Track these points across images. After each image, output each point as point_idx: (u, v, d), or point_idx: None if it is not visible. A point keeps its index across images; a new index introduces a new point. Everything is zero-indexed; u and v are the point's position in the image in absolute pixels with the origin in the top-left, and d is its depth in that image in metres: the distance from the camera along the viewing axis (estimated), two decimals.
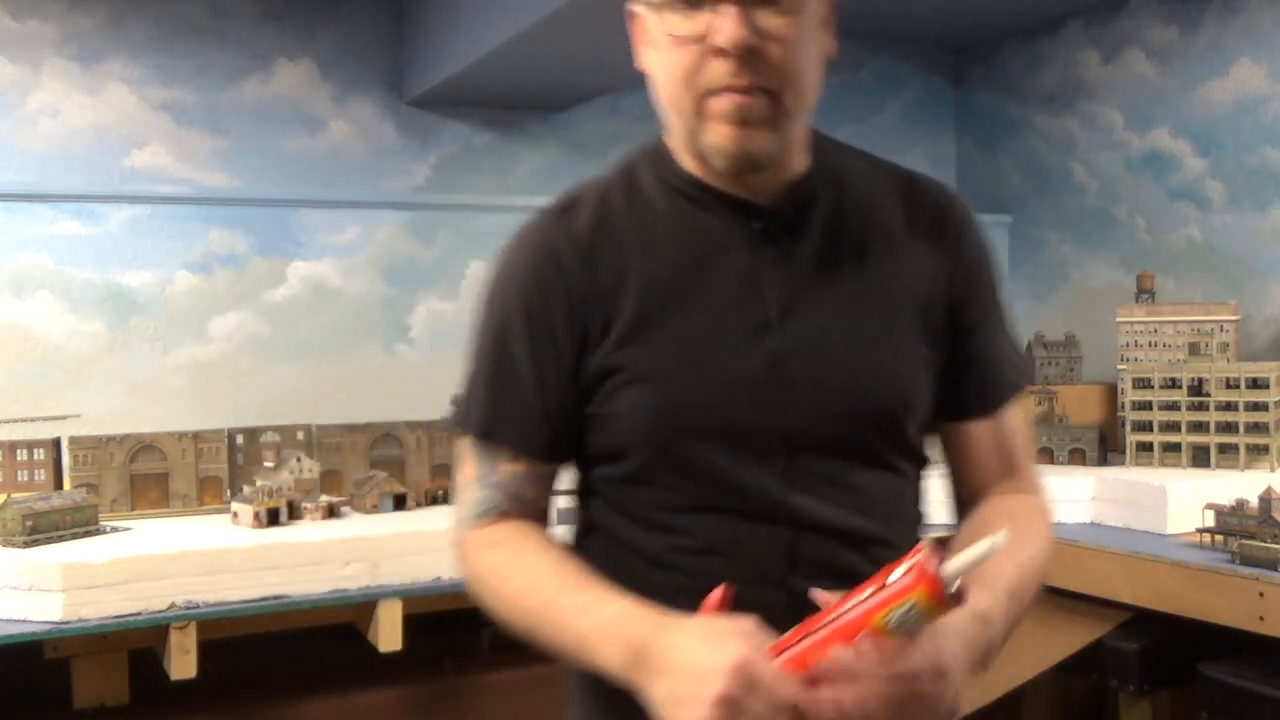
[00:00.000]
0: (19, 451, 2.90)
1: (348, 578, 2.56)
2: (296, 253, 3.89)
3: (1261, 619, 2.43)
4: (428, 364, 4.06)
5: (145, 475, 2.92)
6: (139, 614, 2.36)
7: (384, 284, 4.01)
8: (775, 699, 0.90)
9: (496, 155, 4.18)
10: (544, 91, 3.93)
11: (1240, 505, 2.69)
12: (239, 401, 3.78)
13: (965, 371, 1.18)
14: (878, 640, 0.93)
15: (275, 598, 2.49)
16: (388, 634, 2.58)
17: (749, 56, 1.06)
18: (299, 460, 2.89)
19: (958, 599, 0.94)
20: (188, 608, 2.40)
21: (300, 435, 3.07)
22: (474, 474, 1.28)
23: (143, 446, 2.92)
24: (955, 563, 0.93)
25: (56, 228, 3.57)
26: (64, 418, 3.22)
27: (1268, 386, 3.24)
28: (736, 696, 0.90)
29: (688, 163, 1.19)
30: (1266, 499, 2.61)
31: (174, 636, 2.38)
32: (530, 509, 1.24)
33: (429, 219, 4.08)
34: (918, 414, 1.16)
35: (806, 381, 1.11)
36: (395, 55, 4.02)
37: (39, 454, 2.91)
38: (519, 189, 4.22)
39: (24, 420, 3.22)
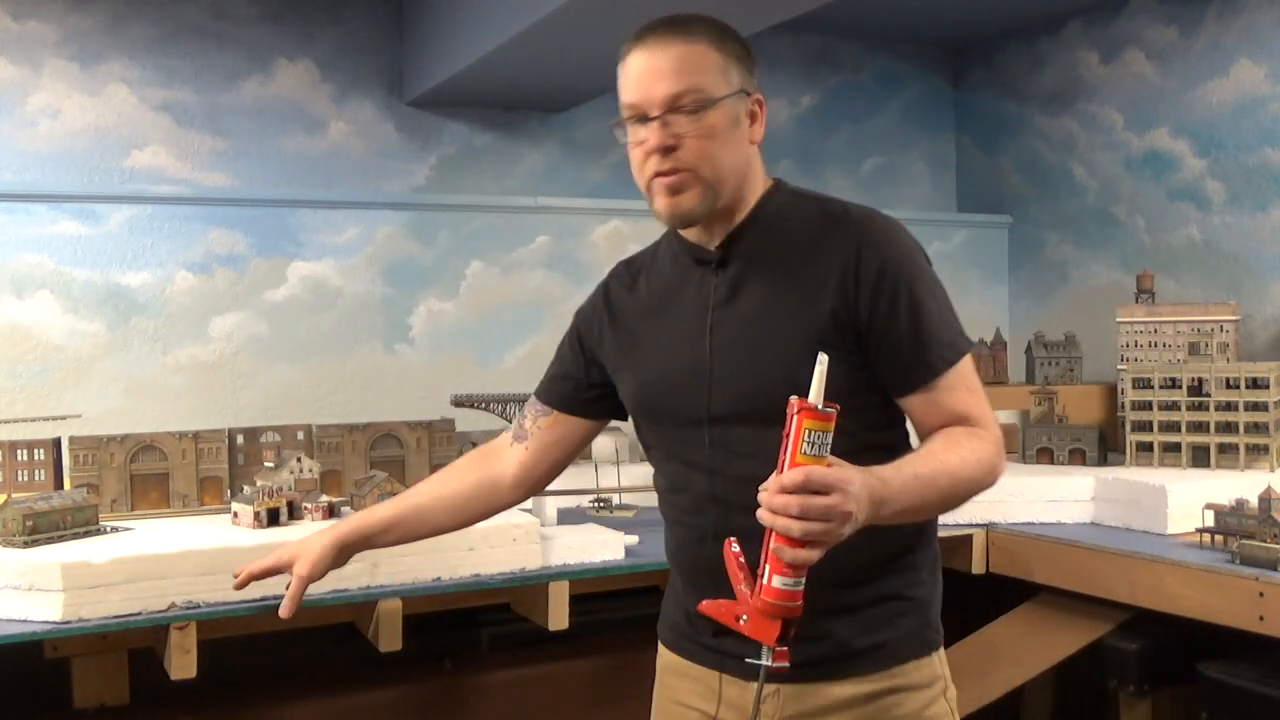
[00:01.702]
0: (19, 451, 2.90)
1: (348, 578, 2.55)
2: (296, 253, 3.89)
3: (1261, 619, 2.43)
4: (428, 364, 4.06)
5: (145, 475, 2.92)
6: (139, 614, 2.36)
7: (384, 284, 4.02)
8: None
9: (496, 155, 4.19)
10: (544, 91, 3.94)
11: (1240, 505, 2.69)
12: (239, 401, 3.78)
13: (887, 357, 1.53)
14: (806, 468, 1.27)
15: (275, 598, 2.48)
16: (388, 634, 2.58)
17: (668, 152, 1.54)
18: (299, 460, 2.89)
19: (832, 409, 1.29)
20: (188, 608, 2.40)
21: (300, 435, 3.07)
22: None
23: (143, 446, 2.92)
24: (812, 392, 1.30)
25: (56, 228, 3.57)
26: (64, 418, 3.22)
27: (1267, 386, 3.24)
28: None
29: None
30: (1266, 499, 2.61)
31: (174, 636, 2.38)
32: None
33: (429, 219, 4.08)
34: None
35: (721, 375, 1.56)
36: (395, 55, 4.02)
37: (39, 454, 2.91)
38: (519, 189, 4.22)
39: (24, 420, 3.22)
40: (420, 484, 2.00)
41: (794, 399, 1.30)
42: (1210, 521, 2.74)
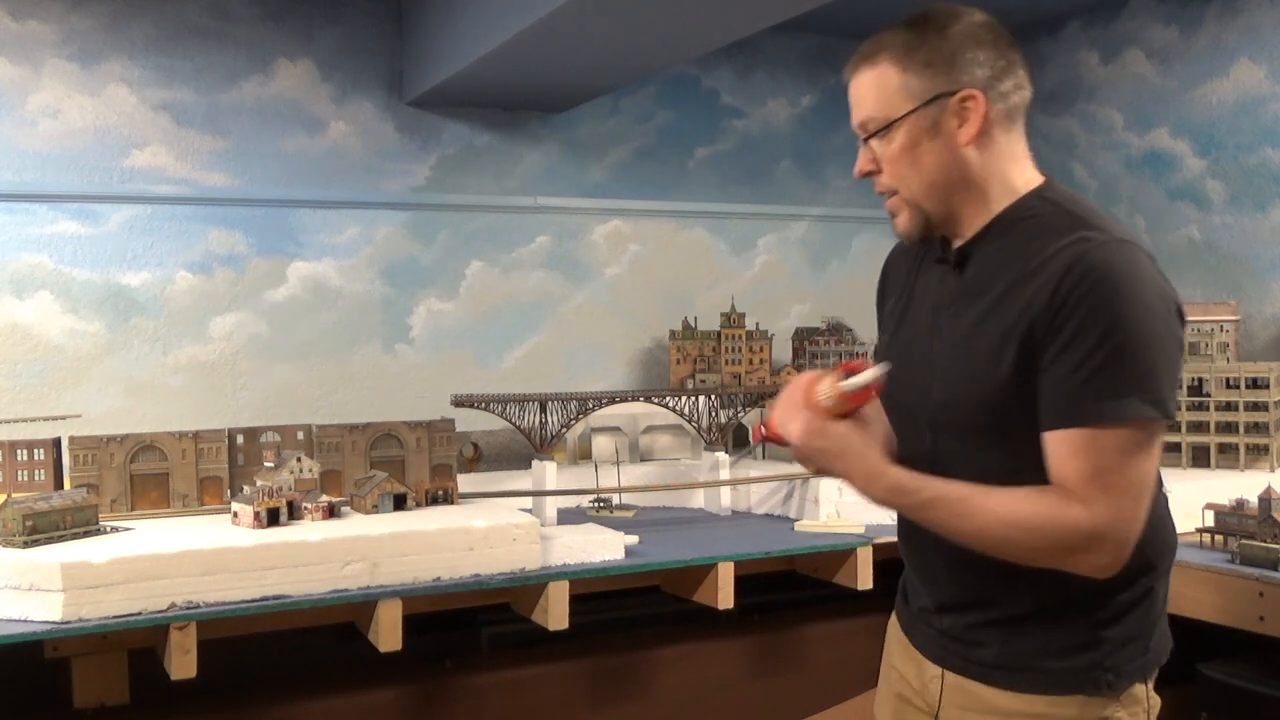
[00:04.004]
0: (19, 451, 2.90)
1: (348, 578, 2.56)
2: (296, 253, 3.89)
3: (1261, 619, 2.43)
4: (428, 364, 4.06)
5: (145, 475, 2.92)
6: (139, 614, 2.36)
7: (384, 284, 4.02)
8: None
9: (496, 155, 4.19)
10: (544, 91, 3.93)
11: (1240, 505, 2.70)
12: (239, 401, 3.78)
13: (1044, 388, 1.46)
14: (816, 409, 1.51)
15: (275, 598, 2.49)
16: (388, 634, 2.58)
17: (871, 175, 1.59)
18: (299, 460, 2.89)
19: (860, 396, 1.48)
20: (188, 608, 2.40)
21: (300, 435, 3.07)
22: None
23: (143, 446, 2.92)
24: (855, 379, 1.48)
25: (56, 228, 3.57)
26: (64, 418, 3.22)
27: (1267, 386, 3.24)
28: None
29: None
30: (1266, 499, 2.61)
31: (174, 636, 2.38)
32: None
33: (429, 219, 4.08)
34: (997, 410, 1.50)
35: (937, 380, 1.56)
36: (395, 55, 4.02)
37: (39, 454, 2.91)
38: (519, 189, 4.22)
39: (24, 420, 3.22)
40: None
41: (854, 361, 1.50)
42: (1210, 521, 2.75)
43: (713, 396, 3.56)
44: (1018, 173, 1.55)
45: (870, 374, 1.47)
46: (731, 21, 3.16)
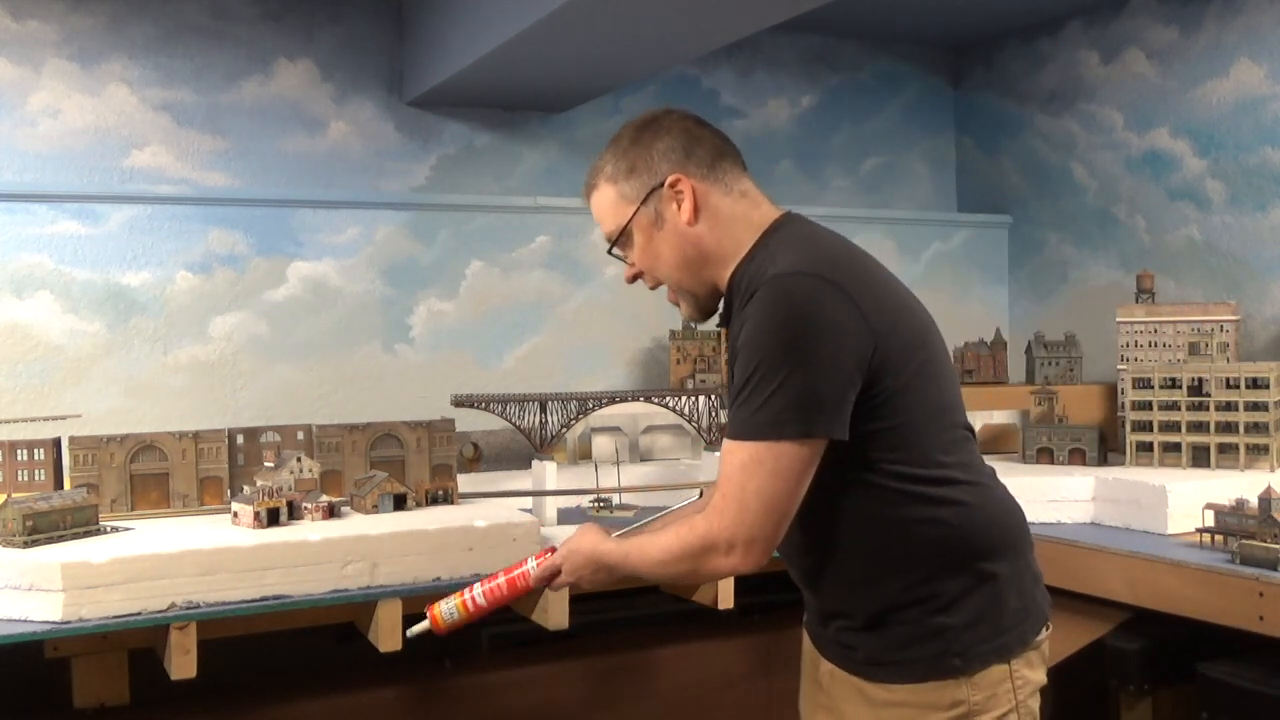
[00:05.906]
0: (19, 451, 2.90)
1: (347, 578, 2.56)
2: (296, 253, 3.89)
3: (1261, 619, 2.43)
4: (428, 364, 4.06)
5: (145, 475, 2.91)
6: (139, 614, 2.36)
7: (384, 284, 4.01)
8: None
9: (496, 155, 4.19)
10: (544, 92, 3.93)
11: (1240, 505, 2.69)
12: (239, 401, 3.78)
13: None
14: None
15: (275, 598, 2.49)
16: (387, 634, 2.58)
17: (641, 277, 1.79)
18: (299, 460, 2.89)
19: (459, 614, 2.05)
20: (188, 608, 2.40)
21: (300, 435, 3.07)
22: None
23: (143, 446, 2.92)
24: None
25: (56, 228, 3.57)
26: (64, 418, 3.22)
27: (1267, 386, 3.24)
28: None
29: None
30: (1266, 499, 2.61)
31: (174, 636, 2.38)
32: None
33: (429, 219, 4.08)
34: None
35: None
36: (395, 55, 4.02)
37: (39, 454, 2.91)
38: (519, 189, 4.22)
39: (24, 420, 3.22)
40: None
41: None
42: (1210, 521, 2.74)
43: (713, 396, 3.55)
44: (745, 228, 1.70)
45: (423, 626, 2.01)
46: (731, 21, 3.16)
